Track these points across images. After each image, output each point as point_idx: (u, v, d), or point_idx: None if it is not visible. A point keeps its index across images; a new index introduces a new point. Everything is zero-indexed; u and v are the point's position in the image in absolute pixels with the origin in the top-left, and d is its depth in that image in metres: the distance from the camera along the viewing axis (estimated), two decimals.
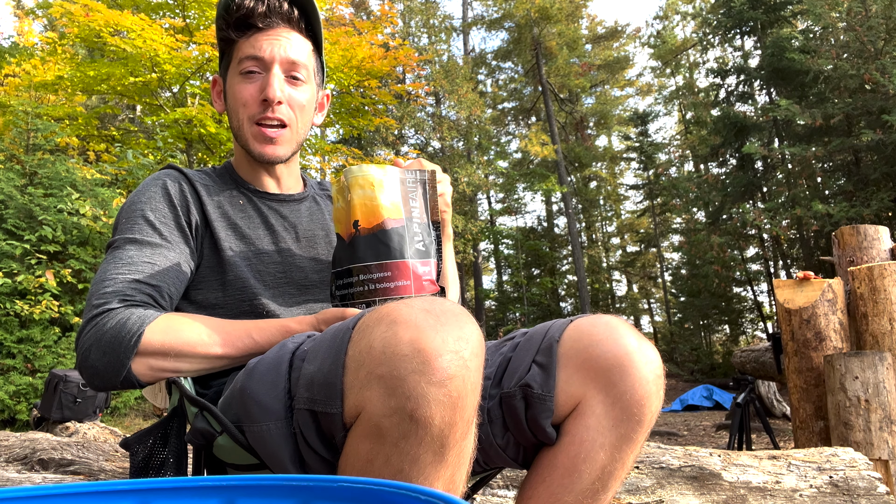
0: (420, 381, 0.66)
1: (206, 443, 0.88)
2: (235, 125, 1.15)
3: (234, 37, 1.12)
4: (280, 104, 1.12)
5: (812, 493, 1.82)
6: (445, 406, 0.67)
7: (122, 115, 14.89)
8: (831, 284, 2.92)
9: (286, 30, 1.14)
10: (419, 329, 0.68)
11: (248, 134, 1.13)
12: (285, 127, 1.14)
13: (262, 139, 1.13)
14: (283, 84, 1.12)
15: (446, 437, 0.69)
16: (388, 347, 0.68)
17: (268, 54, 1.10)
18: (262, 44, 1.11)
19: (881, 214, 10.22)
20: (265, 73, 1.11)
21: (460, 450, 0.72)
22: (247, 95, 1.11)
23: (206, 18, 8.77)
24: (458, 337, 0.70)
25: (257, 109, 1.11)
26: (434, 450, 0.69)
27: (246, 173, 1.20)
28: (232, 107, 1.14)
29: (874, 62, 10.25)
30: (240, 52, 1.12)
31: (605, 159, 25.10)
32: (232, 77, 1.14)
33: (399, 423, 0.68)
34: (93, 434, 4.35)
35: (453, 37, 22.47)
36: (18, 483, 1.32)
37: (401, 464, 0.70)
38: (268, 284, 1.10)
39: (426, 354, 0.67)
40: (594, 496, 0.93)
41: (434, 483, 0.71)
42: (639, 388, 0.91)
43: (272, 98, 1.10)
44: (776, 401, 7.54)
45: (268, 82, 1.10)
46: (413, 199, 0.95)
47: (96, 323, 0.93)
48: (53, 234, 6.99)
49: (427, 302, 0.72)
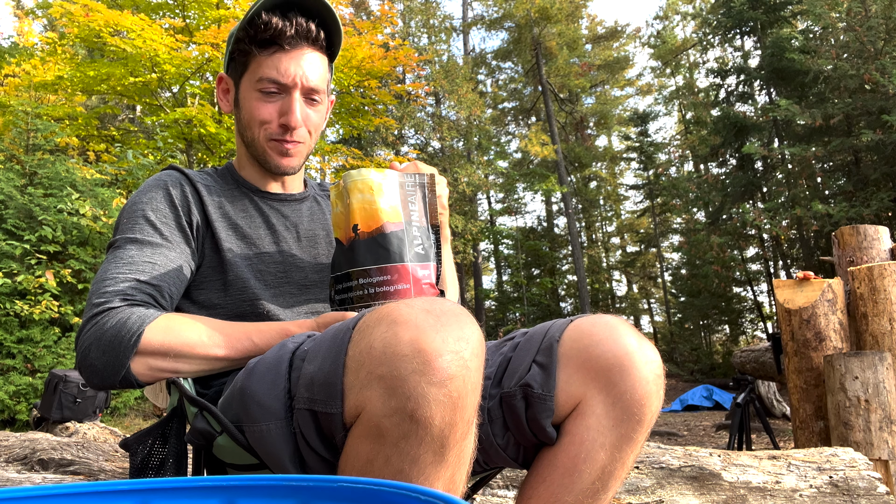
0: (420, 382, 0.66)
1: (206, 443, 0.88)
2: (249, 137, 1.15)
3: (256, 52, 1.11)
4: (298, 128, 1.13)
5: (812, 493, 1.82)
6: (446, 406, 0.67)
7: (122, 115, 14.90)
8: (831, 284, 2.92)
9: (309, 50, 1.13)
10: (419, 329, 0.68)
11: (265, 147, 1.14)
12: (301, 143, 1.16)
13: (279, 153, 1.14)
14: (303, 107, 1.13)
15: (446, 437, 0.69)
16: (388, 347, 0.68)
17: (290, 80, 1.10)
18: (284, 67, 1.10)
19: (881, 214, 10.22)
20: (285, 96, 1.11)
21: (460, 450, 0.72)
22: (265, 115, 1.12)
23: (206, 18, 8.78)
24: (459, 337, 0.70)
25: (276, 130, 1.13)
26: (434, 450, 0.69)
27: (249, 175, 1.21)
28: (247, 121, 1.14)
29: (874, 62, 10.25)
30: (260, 70, 1.11)
31: (605, 159, 25.10)
32: (248, 90, 1.13)
33: (399, 423, 0.68)
34: (93, 434, 4.35)
35: (453, 37, 22.49)
36: (18, 483, 1.32)
37: (401, 464, 0.70)
38: (268, 284, 1.10)
39: (427, 355, 0.67)
40: (594, 496, 0.93)
41: (434, 483, 0.71)
42: (639, 387, 0.91)
43: (294, 126, 1.11)
44: (776, 401, 7.54)
45: (290, 108, 1.11)
46: (412, 203, 0.95)
47: (96, 322, 0.93)
48: (53, 234, 6.99)
49: (427, 302, 0.72)
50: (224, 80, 1.20)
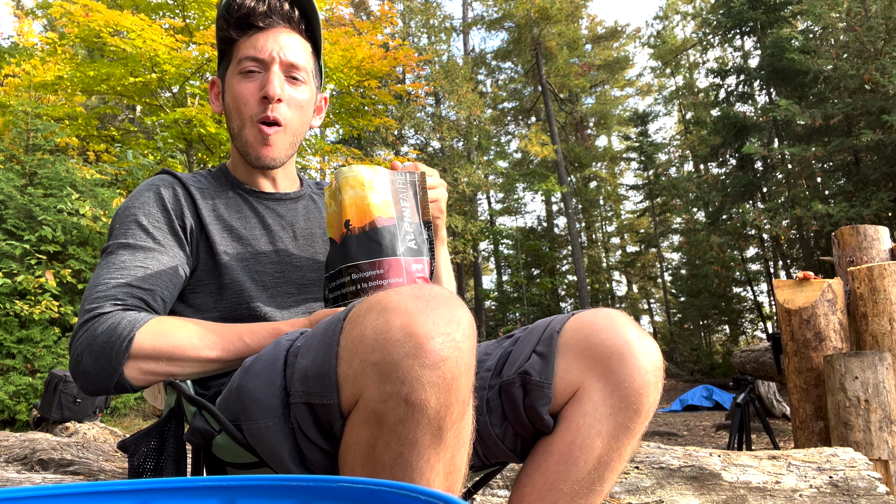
0: (413, 365, 0.67)
1: (205, 442, 0.89)
2: (235, 126, 1.14)
3: (235, 36, 1.12)
4: (279, 102, 1.11)
5: (812, 493, 1.82)
6: (440, 388, 0.68)
7: (121, 115, 14.89)
8: (831, 284, 2.92)
9: (286, 30, 1.14)
10: (409, 314, 0.69)
11: (247, 135, 1.13)
12: (282, 126, 1.13)
13: (260, 141, 1.13)
14: (282, 82, 1.12)
15: (443, 418, 0.70)
16: (379, 334, 0.69)
17: (268, 55, 1.10)
18: (261, 43, 1.11)
19: (881, 214, 10.22)
20: (265, 72, 1.11)
21: (458, 431, 0.73)
22: (247, 94, 1.11)
23: (205, 18, 8.77)
24: (449, 320, 0.70)
25: (257, 108, 1.11)
26: (432, 432, 0.70)
27: (242, 174, 1.20)
28: (231, 106, 1.14)
29: (874, 62, 10.25)
30: (240, 52, 1.12)
31: (605, 159, 25.11)
32: (231, 77, 1.14)
33: (395, 407, 0.68)
34: (92, 434, 4.35)
35: (453, 37, 22.49)
36: (18, 483, 1.32)
37: (400, 448, 0.70)
38: (265, 285, 1.10)
39: (418, 338, 0.67)
40: (590, 487, 0.93)
41: (434, 465, 0.72)
42: (637, 377, 0.91)
43: (272, 95, 1.10)
44: (776, 401, 7.54)
45: (268, 80, 1.10)
46: (404, 200, 0.96)
47: (88, 328, 0.93)
48: (53, 234, 6.99)
49: (416, 288, 0.73)
50: (215, 83, 1.21)
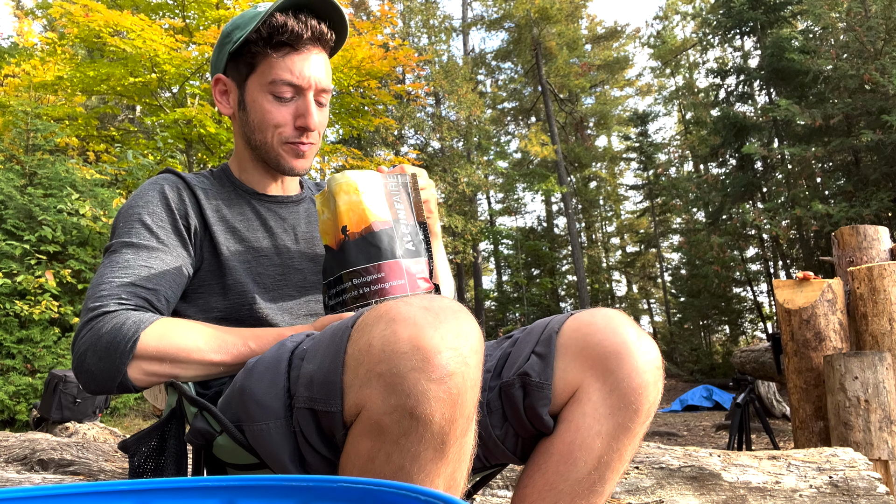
0: (420, 379, 0.67)
1: (206, 443, 0.88)
2: (259, 140, 1.14)
3: (269, 51, 1.09)
4: (314, 131, 1.13)
5: (812, 493, 1.82)
6: (445, 403, 0.67)
7: (121, 115, 14.89)
8: (831, 285, 2.92)
9: (318, 51, 1.13)
10: (418, 326, 0.68)
11: (278, 150, 1.13)
12: (314, 144, 1.16)
13: (295, 155, 1.14)
14: (315, 110, 1.13)
15: (446, 433, 0.69)
16: (387, 345, 0.68)
17: (306, 83, 1.10)
18: (298, 68, 1.09)
19: (881, 214, 10.21)
20: (299, 98, 1.11)
21: (461, 446, 0.73)
22: (280, 119, 1.11)
23: (205, 18, 8.76)
24: (458, 334, 0.70)
25: (292, 133, 1.12)
26: (434, 447, 0.69)
27: (249, 177, 1.19)
28: (258, 123, 1.12)
29: (874, 62, 10.24)
30: (272, 73, 1.09)
31: (605, 159, 25.10)
32: (258, 92, 1.11)
33: (399, 420, 0.68)
34: (92, 434, 4.35)
35: (453, 37, 22.47)
36: (18, 483, 1.32)
37: (402, 461, 0.70)
38: (267, 287, 1.10)
39: (425, 352, 0.67)
40: (591, 488, 0.93)
41: (435, 480, 0.71)
42: (636, 376, 0.91)
43: (312, 128, 1.11)
44: (776, 401, 7.53)
45: (307, 111, 1.11)
46: (398, 202, 0.96)
47: (92, 327, 0.92)
48: (53, 234, 6.99)
49: (426, 300, 0.72)
50: (222, 80, 1.16)
